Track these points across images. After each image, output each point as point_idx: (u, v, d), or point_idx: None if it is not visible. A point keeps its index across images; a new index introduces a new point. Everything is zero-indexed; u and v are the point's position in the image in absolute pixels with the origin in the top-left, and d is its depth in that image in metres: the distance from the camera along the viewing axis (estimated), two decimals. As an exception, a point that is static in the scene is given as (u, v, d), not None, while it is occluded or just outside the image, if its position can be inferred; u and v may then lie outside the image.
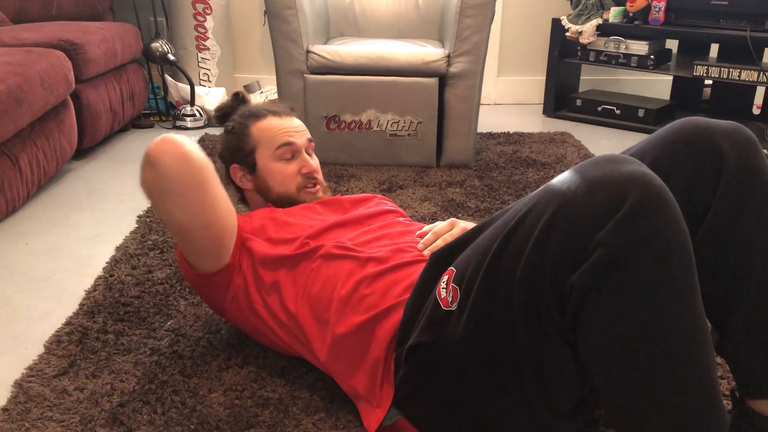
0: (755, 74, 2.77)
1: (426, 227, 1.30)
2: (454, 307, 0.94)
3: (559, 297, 0.82)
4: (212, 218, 1.18)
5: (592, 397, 0.99)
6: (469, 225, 1.29)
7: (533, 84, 3.65)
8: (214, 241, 1.21)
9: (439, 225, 1.27)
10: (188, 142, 1.16)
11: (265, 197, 1.44)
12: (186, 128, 3.09)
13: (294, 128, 1.44)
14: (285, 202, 1.41)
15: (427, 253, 1.20)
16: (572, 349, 0.86)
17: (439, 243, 1.22)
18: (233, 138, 1.46)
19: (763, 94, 3.14)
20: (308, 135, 1.46)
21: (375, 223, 1.35)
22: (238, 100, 1.55)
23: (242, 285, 1.27)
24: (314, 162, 1.46)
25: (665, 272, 0.77)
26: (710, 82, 3.17)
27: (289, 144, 1.41)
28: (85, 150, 2.65)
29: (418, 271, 1.14)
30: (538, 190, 0.87)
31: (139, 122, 3.12)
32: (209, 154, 2.62)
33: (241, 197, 1.53)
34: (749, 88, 3.09)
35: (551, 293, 0.82)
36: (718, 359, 1.15)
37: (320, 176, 1.46)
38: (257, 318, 1.27)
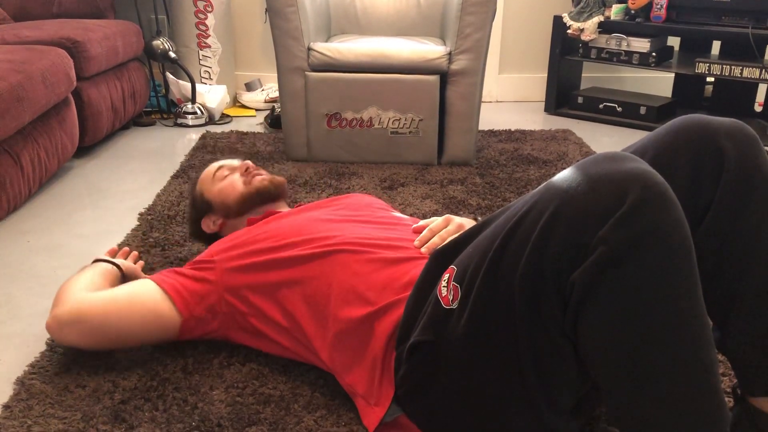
0: (757, 71, 2.77)
1: (421, 222, 1.30)
2: (455, 305, 0.94)
3: (560, 295, 0.82)
4: (141, 323, 1.26)
5: (594, 395, 0.99)
6: (466, 221, 1.30)
7: (535, 81, 3.65)
8: (158, 332, 1.28)
9: (435, 222, 1.28)
10: (62, 304, 1.25)
11: (232, 215, 1.48)
12: (187, 126, 3.09)
13: (225, 160, 1.57)
14: (247, 203, 1.47)
15: (424, 250, 1.20)
16: (573, 347, 0.86)
17: (436, 240, 1.22)
18: (191, 207, 1.58)
19: (765, 91, 3.14)
20: (243, 160, 1.55)
21: (365, 218, 1.36)
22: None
23: (229, 310, 1.28)
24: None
25: (667, 269, 0.77)
26: (712, 79, 3.16)
27: (221, 166, 1.53)
28: (86, 148, 2.66)
29: (415, 267, 1.14)
30: (539, 187, 0.87)
31: (141, 120, 3.12)
32: (210, 152, 2.63)
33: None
34: (751, 86, 3.09)
35: (552, 291, 0.82)
36: (720, 357, 1.16)
37: (262, 169, 1.54)
38: (254, 332, 1.28)
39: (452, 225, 1.26)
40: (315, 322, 1.19)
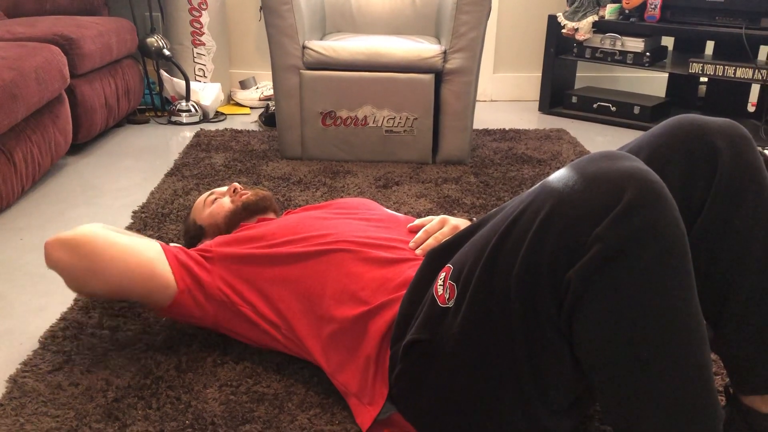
0: (750, 72, 2.78)
1: (417, 221, 1.31)
2: (451, 304, 0.94)
3: (556, 293, 0.82)
4: (132, 271, 1.24)
5: (588, 394, 1.00)
6: (461, 222, 1.30)
7: (529, 81, 3.65)
8: (144, 283, 1.26)
9: (430, 222, 1.28)
10: (64, 232, 1.27)
11: (223, 233, 1.48)
12: (181, 123, 3.08)
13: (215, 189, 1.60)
14: (236, 219, 1.49)
15: (419, 252, 1.21)
16: (569, 346, 0.86)
17: (431, 242, 1.22)
18: (185, 235, 1.59)
19: (758, 91, 3.15)
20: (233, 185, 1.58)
21: (359, 216, 1.36)
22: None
23: (224, 299, 1.28)
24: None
25: (662, 268, 0.78)
26: (705, 79, 3.17)
27: (210, 193, 1.57)
28: (80, 145, 2.65)
29: (410, 268, 1.14)
30: (534, 187, 0.87)
31: (135, 117, 3.11)
32: (204, 149, 2.62)
33: None
34: (744, 86, 3.10)
35: (548, 289, 0.83)
36: (712, 355, 1.16)
37: (249, 189, 1.57)
38: (248, 321, 1.28)
39: (447, 227, 1.26)
40: (307, 321, 1.19)
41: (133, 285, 1.25)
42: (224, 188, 1.59)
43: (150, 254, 1.27)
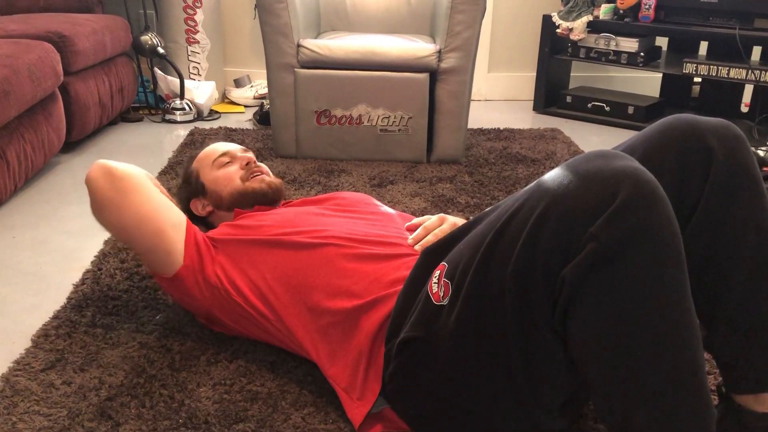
0: (744, 72, 2.79)
1: (415, 220, 1.31)
2: (445, 301, 0.94)
3: (550, 291, 0.83)
4: (148, 215, 1.28)
5: (582, 392, 1.00)
6: (459, 220, 1.30)
7: (524, 80, 3.65)
8: (151, 237, 1.28)
9: (429, 220, 1.28)
10: (115, 162, 1.33)
11: (223, 206, 1.46)
12: (175, 122, 3.07)
13: (229, 145, 1.53)
14: (240, 200, 1.44)
15: (417, 248, 1.21)
16: (563, 344, 0.86)
17: (430, 238, 1.22)
18: (183, 183, 1.54)
19: (751, 92, 3.16)
20: (246, 150, 1.52)
21: (356, 214, 1.36)
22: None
23: (219, 285, 1.28)
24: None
25: (656, 267, 0.78)
26: (699, 79, 3.18)
27: (224, 153, 1.49)
28: (73, 143, 2.63)
29: (404, 264, 1.14)
30: (529, 186, 0.87)
31: (129, 116, 3.10)
32: (198, 148, 2.61)
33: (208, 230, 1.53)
34: (738, 86, 3.11)
35: (543, 287, 0.83)
36: (706, 355, 1.16)
37: (263, 167, 1.51)
38: (240, 313, 1.28)
39: (446, 224, 1.27)
40: (297, 313, 1.20)
41: (141, 233, 1.29)
42: (239, 151, 1.50)
43: (171, 218, 1.30)
